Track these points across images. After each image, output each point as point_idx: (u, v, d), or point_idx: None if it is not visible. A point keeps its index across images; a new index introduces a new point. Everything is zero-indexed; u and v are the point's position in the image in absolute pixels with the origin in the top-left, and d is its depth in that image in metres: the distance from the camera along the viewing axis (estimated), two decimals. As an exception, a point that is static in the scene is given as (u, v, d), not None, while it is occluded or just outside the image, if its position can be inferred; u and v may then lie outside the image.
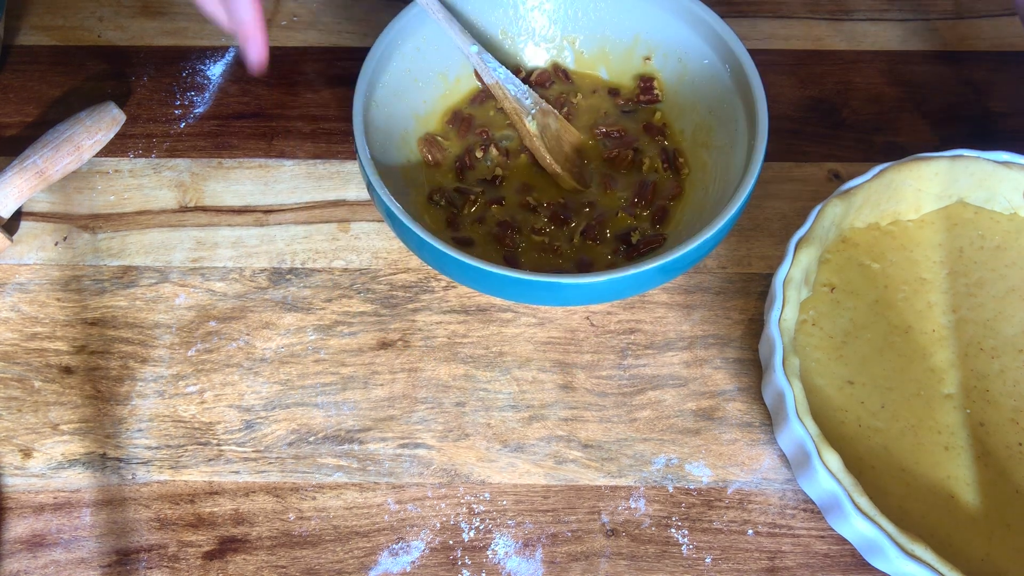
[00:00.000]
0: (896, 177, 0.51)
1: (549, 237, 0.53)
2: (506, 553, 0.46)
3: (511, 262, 0.51)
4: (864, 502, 0.42)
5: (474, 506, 0.47)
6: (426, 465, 0.48)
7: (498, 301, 0.53)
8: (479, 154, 0.55)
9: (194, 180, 0.57)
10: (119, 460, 0.48)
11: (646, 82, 0.57)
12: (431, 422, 0.49)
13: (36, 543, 0.46)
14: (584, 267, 0.52)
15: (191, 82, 0.61)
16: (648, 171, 0.55)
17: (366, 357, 0.51)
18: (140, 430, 0.49)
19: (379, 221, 0.56)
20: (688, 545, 0.46)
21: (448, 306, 0.53)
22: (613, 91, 0.58)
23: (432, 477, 0.48)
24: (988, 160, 0.51)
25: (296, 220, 0.56)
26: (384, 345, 0.52)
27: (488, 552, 0.46)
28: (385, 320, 0.52)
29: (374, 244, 0.55)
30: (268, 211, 0.56)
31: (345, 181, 0.57)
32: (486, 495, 0.47)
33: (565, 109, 0.57)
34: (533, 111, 0.55)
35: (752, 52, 0.51)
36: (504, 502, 0.47)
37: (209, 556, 0.46)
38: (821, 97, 0.60)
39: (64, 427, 0.49)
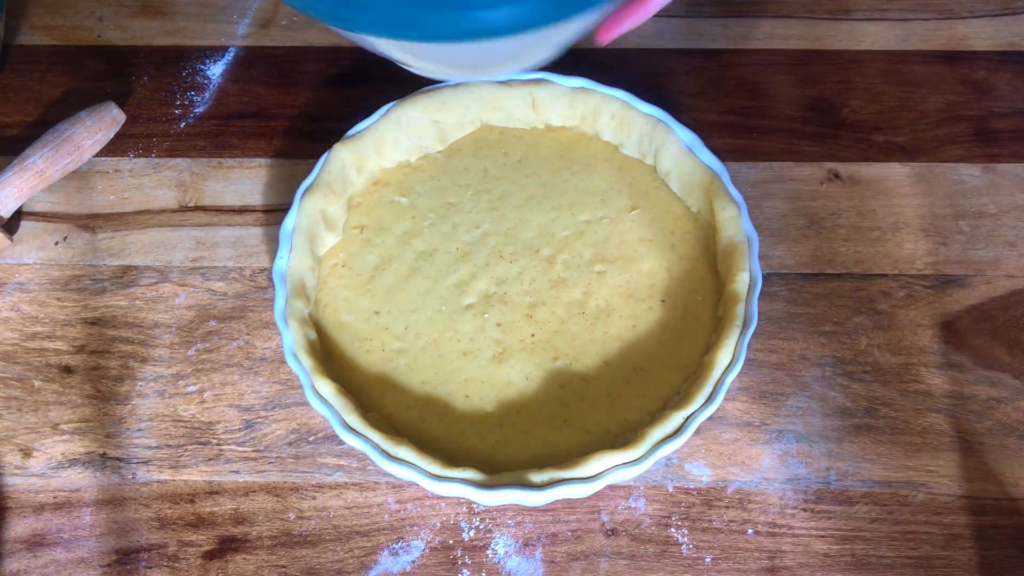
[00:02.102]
0: (403, 114, 0.53)
1: None
2: (506, 552, 0.46)
3: None
4: (353, 420, 0.45)
5: (474, 505, 0.47)
6: (426, 465, 0.48)
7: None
8: None
9: (194, 180, 0.57)
10: (119, 460, 0.48)
11: None
12: (431, 422, 0.49)
13: (36, 543, 0.46)
14: None
15: (191, 82, 0.61)
16: None
17: (366, 357, 0.51)
18: (140, 430, 0.49)
19: (379, 221, 0.56)
20: (688, 544, 0.46)
21: (448, 306, 0.53)
22: None
23: (432, 476, 0.48)
24: (489, 83, 0.54)
25: (296, 220, 0.56)
26: (384, 345, 0.52)
27: (488, 551, 0.46)
28: (385, 320, 0.52)
29: (374, 244, 0.55)
30: (268, 211, 0.56)
31: (345, 181, 0.57)
32: (486, 494, 0.47)
33: None
34: None
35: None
36: (504, 501, 0.47)
37: (209, 556, 0.46)
38: (821, 97, 0.60)
39: (64, 427, 0.49)
